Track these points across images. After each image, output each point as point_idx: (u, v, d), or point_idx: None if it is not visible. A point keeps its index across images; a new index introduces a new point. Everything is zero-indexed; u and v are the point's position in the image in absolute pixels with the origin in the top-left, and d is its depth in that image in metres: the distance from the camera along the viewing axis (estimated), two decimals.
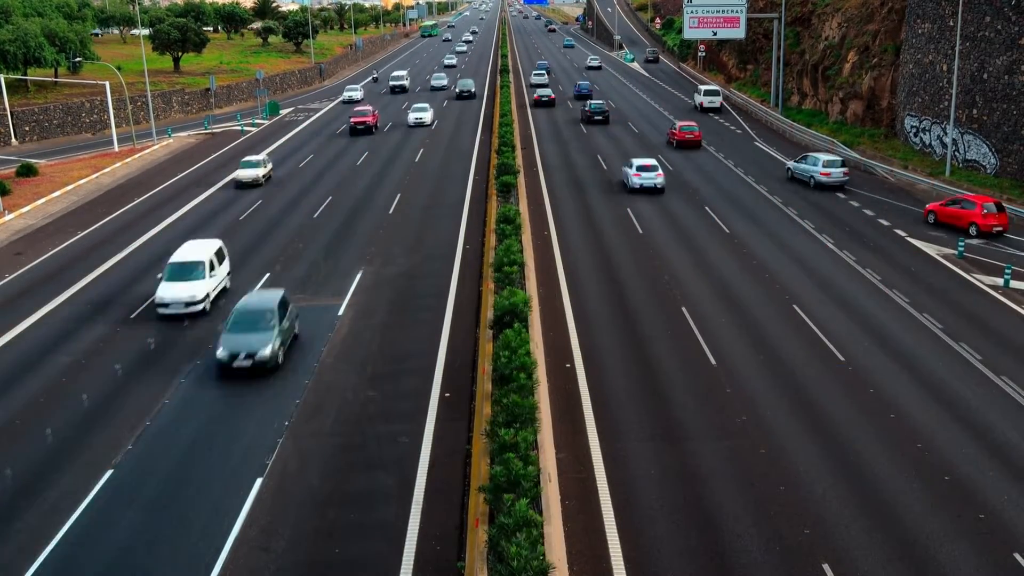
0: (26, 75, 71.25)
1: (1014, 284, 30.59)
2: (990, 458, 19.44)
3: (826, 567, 15.81)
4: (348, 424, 21.35)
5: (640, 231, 37.84)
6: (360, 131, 64.44)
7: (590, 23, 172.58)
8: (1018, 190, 42.62)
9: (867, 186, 46.64)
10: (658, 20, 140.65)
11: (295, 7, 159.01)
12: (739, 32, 73.19)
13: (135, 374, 24.58)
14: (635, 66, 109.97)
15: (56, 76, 75.85)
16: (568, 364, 24.52)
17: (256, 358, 23.58)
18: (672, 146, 58.32)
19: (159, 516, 17.77)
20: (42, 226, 42.08)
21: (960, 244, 34.20)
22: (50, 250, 37.56)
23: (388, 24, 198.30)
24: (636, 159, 46.70)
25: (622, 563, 16.02)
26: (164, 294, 28.16)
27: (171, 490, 18.70)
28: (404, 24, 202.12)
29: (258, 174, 48.83)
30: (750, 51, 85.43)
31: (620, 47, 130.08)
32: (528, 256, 31.17)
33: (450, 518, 17.38)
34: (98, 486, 18.94)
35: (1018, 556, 16.11)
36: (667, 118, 69.51)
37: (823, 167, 45.85)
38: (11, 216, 42.36)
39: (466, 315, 28.19)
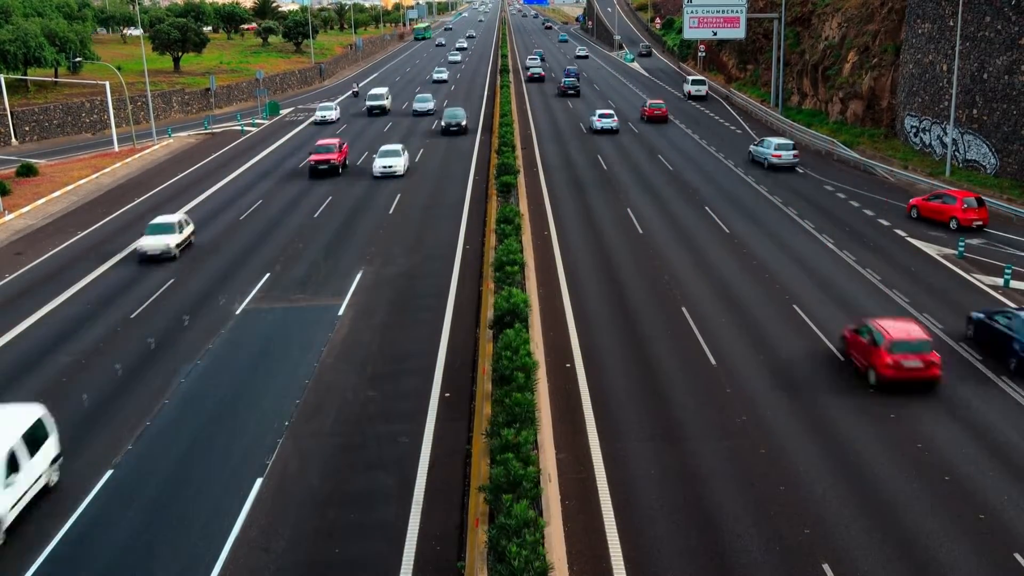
0: (26, 75, 71.27)
1: (1014, 284, 30.59)
2: (990, 458, 19.44)
3: (826, 567, 15.81)
4: (348, 424, 21.35)
5: (640, 231, 37.85)
6: (323, 172, 49.69)
7: (590, 23, 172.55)
8: (1018, 190, 42.62)
9: (867, 186, 46.65)
10: (658, 20, 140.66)
11: (295, 7, 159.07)
12: (739, 32, 73.20)
13: (135, 374, 24.60)
14: (635, 66, 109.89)
15: (56, 76, 75.87)
16: (568, 364, 24.52)
17: None
18: (643, 120, 68.09)
19: (159, 516, 17.78)
20: (42, 226, 42.09)
21: (960, 244, 34.20)
22: (50, 250, 37.57)
23: (388, 24, 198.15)
24: (599, 110, 63.99)
25: (622, 563, 16.02)
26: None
27: (171, 490, 18.71)
28: (404, 24, 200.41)
29: (169, 243, 34.53)
30: (750, 51, 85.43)
31: (620, 47, 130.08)
32: (528, 256, 31.17)
33: (450, 518, 17.38)
34: (98, 486, 18.95)
35: (1018, 556, 16.12)
36: (642, 98, 76.89)
37: (775, 150, 50.95)
38: (11, 216, 42.37)
39: (466, 315, 28.19)
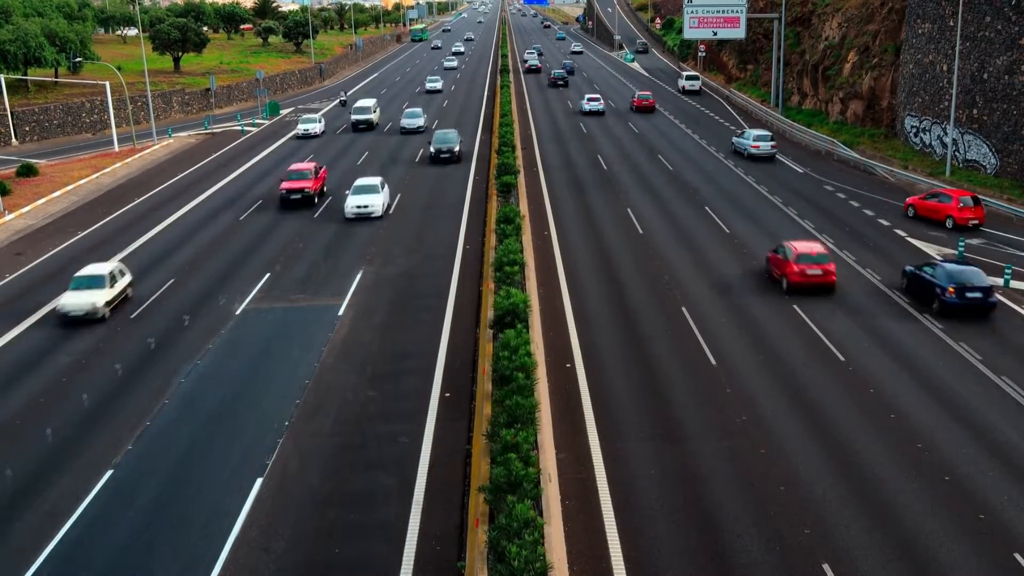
0: (26, 75, 71.28)
1: (1014, 284, 30.58)
2: (990, 458, 19.44)
3: (826, 567, 15.81)
4: (348, 424, 21.35)
5: (640, 231, 37.85)
6: (295, 202, 42.68)
7: (590, 23, 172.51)
8: (1018, 190, 42.61)
9: (867, 186, 46.65)
10: (658, 20, 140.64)
11: (295, 7, 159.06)
12: (739, 32, 73.21)
13: (135, 374, 24.60)
14: (635, 66, 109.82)
15: (56, 76, 75.88)
16: (568, 364, 24.52)
17: None
18: (632, 110, 73.33)
19: (159, 516, 17.78)
20: (42, 226, 42.10)
21: (960, 244, 34.20)
22: (50, 250, 37.57)
23: (388, 24, 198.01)
24: (587, 94, 73.17)
25: (622, 563, 16.02)
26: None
27: (171, 490, 18.72)
28: (404, 24, 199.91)
29: (96, 301, 28.37)
30: (750, 51, 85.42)
31: (620, 47, 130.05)
32: (528, 256, 31.17)
33: (450, 518, 17.38)
34: (98, 486, 18.95)
35: (1018, 556, 16.12)
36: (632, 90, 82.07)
37: (754, 140, 54.36)
38: (11, 216, 42.38)
39: (466, 315, 28.19)
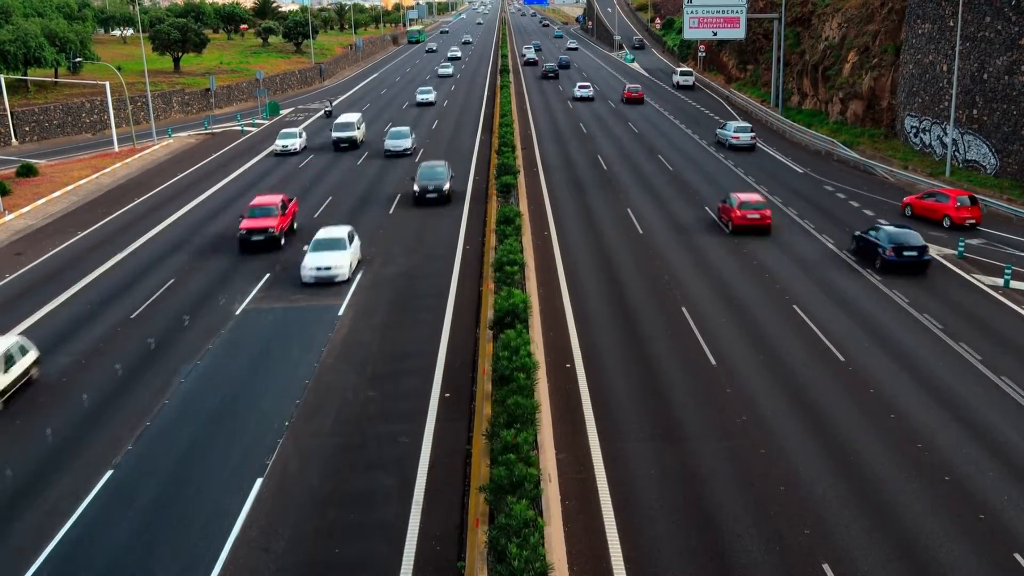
0: (26, 75, 71.27)
1: (1014, 284, 30.59)
2: (990, 458, 19.44)
3: (826, 567, 15.81)
4: (348, 424, 21.35)
5: (640, 231, 37.85)
6: (256, 245, 35.06)
7: (590, 23, 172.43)
8: (1018, 190, 42.62)
9: (867, 186, 46.65)
10: (658, 20, 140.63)
11: (295, 7, 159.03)
12: (739, 32, 73.23)
13: (135, 374, 24.60)
14: (635, 66, 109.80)
15: (56, 76, 75.87)
16: (568, 364, 24.52)
17: None
18: (623, 101, 78.73)
19: (159, 516, 17.77)
20: (42, 226, 42.09)
21: (960, 244, 34.21)
22: (50, 250, 37.57)
23: (388, 24, 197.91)
24: (579, 82, 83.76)
25: (622, 563, 16.02)
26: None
27: (171, 490, 18.70)
28: (404, 24, 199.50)
29: None
30: (750, 51, 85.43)
31: (620, 47, 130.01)
32: (528, 256, 31.17)
33: (450, 518, 17.38)
34: (98, 486, 18.95)
35: (1018, 556, 16.11)
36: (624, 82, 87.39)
37: (734, 132, 57.76)
38: (11, 216, 42.37)
39: (466, 315, 28.19)
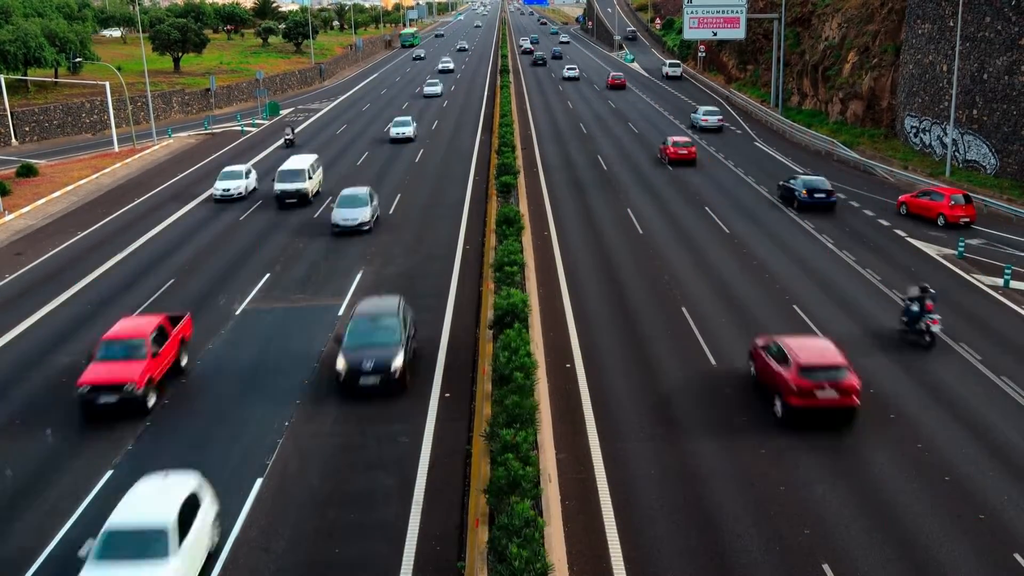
0: (26, 75, 71.28)
1: (1014, 284, 30.59)
2: (990, 458, 19.44)
3: (826, 567, 15.81)
4: (348, 424, 21.35)
5: (640, 231, 37.85)
6: (106, 410, 21.96)
7: (590, 23, 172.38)
8: (1018, 190, 42.62)
9: (867, 186, 46.66)
10: (658, 20, 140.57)
11: (295, 7, 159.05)
12: (739, 32, 73.21)
13: None
14: (635, 66, 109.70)
15: (56, 76, 75.88)
16: (568, 364, 24.52)
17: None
18: (607, 87, 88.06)
19: None
20: (42, 226, 42.09)
21: (960, 244, 34.21)
22: (50, 250, 37.57)
23: (388, 24, 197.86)
24: (567, 65, 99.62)
25: (622, 563, 16.02)
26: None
27: None
28: (404, 24, 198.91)
29: None
30: (750, 51, 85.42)
31: (620, 47, 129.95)
32: (528, 256, 31.18)
33: (450, 518, 17.38)
34: (98, 486, 18.95)
35: (1018, 556, 16.12)
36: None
37: (703, 115, 63.78)
38: (11, 216, 42.38)
39: (466, 315, 28.18)
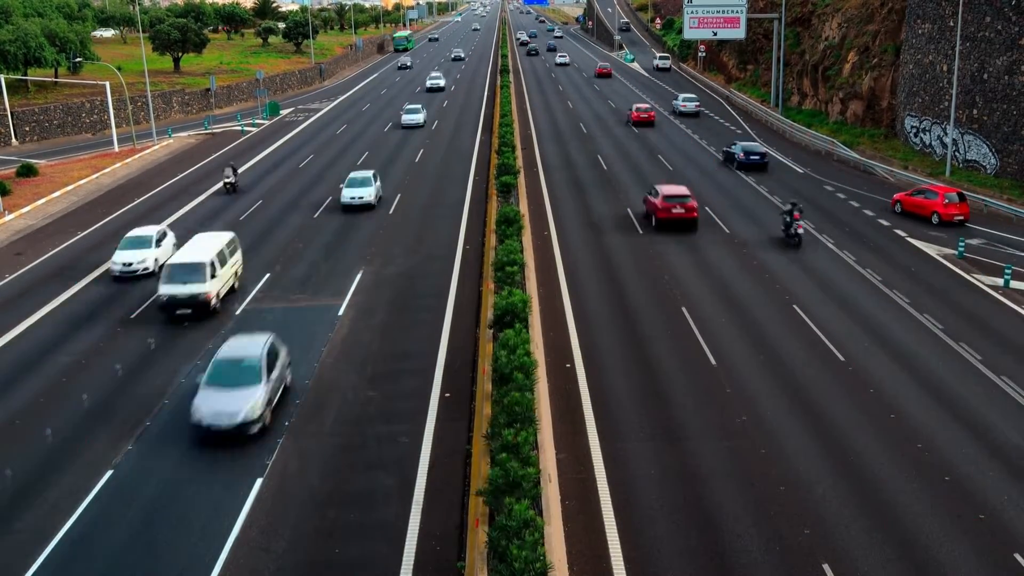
0: (26, 75, 71.26)
1: (1014, 284, 30.59)
2: (990, 458, 19.44)
3: (826, 567, 15.81)
4: (348, 424, 21.35)
5: (640, 231, 37.84)
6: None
7: (590, 23, 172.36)
8: (1018, 190, 42.62)
9: (867, 186, 46.65)
10: (658, 20, 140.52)
11: (295, 7, 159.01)
12: (739, 32, 73.20)
13: (135, 374, 24.59)
14: (635, 66, 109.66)
15: (56, 76, 75.85)
16: (568, 364, 24.52)
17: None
18: (596, 76, 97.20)
19: (159, 516, 17.79)
20: (42, 226, 42.09)
21: (960, 244, 34.21)
22: (50, 250, 37.57)
23: (388, 24, 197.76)
24: (558, 53, 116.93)
25: (622, 563, 16.02)
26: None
27: (171, 490, 18.71)
28: (404, 24, 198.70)
29: None
30: (750, 51, 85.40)
31: (620, 47, 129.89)
32: (528, 256, 31.17)
33: (450, 518, 17.39)
34: (98, 486, 18.95)
35: (1018, 556, 16.12)
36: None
37: (682, 101, 70.24)
38: (11, 216, 42.37)
39: (466, 315, 28.18)
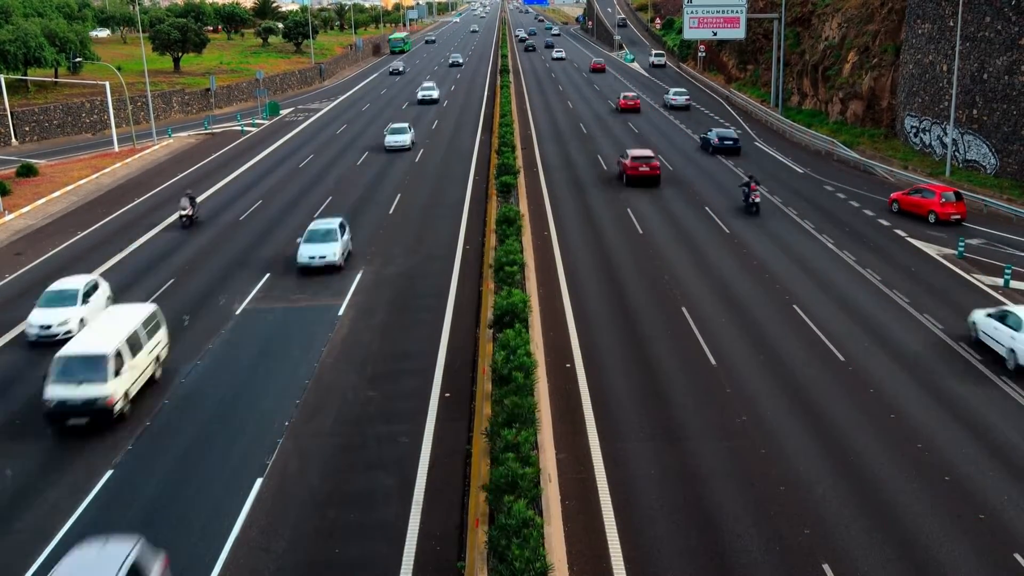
0: (26, 75, 71.26)
1: (1014, 284, 30.59)
2: (990, 458, 19.44)
3: (826, 567, 15.81)
4: (348, 424, 21.35)
5: (640, 231, 37.84)
6: None
7: (590, 23, 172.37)
8: (1018, 190, 42.62)
9: (867, 186, 46.65)
10: (658, 20, 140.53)
11: (295, 7, 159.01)
12: (739, 32, 73.17)
13: None
14: (635, 66, 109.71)
15: (56, 76, 75.86)
16: (568, 364, 24.52)
17: None
18: (591, 71, 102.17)
19: (159, 516, 17.79)
20: (42, 226, 42.09)
21: (960, 244, 34.20)
22: (50, 250, 37.56)
23: (388, 24, 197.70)
24: (555, 48, 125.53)
25: (622, 563, 16.02)
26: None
27: (171, 490, 18.71)
28: (404, 24, 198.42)
29: None
30: (750, 51, 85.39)
31: (620, 47, 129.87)
32: (528, 256, 31.17)
33: (450, 518, 17.39)
34: (98, 486, 18.95)
35: (1018, 556, 16.12)
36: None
37: (672, 95, 74.44)
38: (11, 216, 42.37)
39: (466, 315, 28.18)
